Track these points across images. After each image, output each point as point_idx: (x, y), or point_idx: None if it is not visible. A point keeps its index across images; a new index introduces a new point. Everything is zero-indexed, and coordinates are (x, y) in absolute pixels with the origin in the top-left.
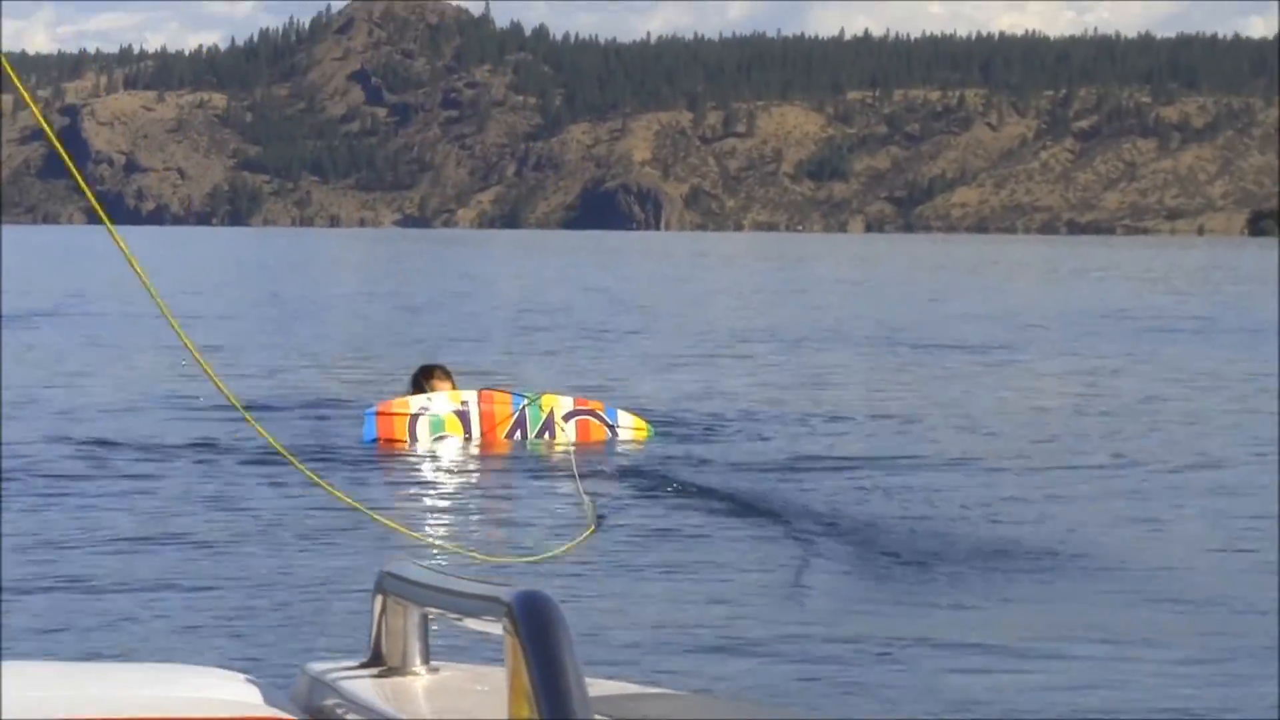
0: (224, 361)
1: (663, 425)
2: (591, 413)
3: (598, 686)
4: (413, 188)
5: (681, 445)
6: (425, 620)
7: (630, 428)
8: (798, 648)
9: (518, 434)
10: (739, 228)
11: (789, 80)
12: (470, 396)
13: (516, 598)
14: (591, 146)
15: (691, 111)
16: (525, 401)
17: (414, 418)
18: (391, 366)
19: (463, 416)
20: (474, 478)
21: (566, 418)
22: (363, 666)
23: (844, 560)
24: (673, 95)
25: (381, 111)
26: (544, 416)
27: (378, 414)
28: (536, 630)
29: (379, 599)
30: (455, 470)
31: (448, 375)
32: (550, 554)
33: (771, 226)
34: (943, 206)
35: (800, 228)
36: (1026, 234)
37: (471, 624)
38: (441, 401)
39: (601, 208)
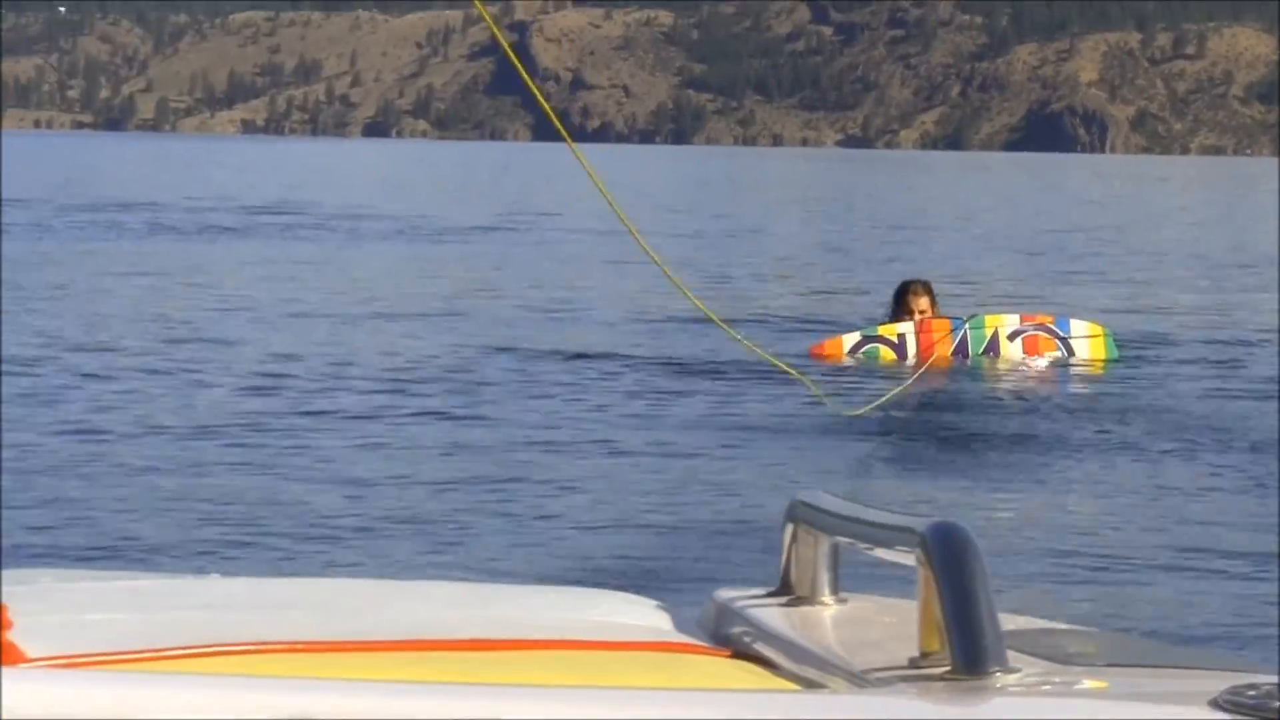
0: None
1: (1123, 342)
2: (1041, 326)
3: (1010, 621)
4: (856, 108)
5: (1141, 366)
6: (836, 550)
7: (1086, 336)
8: (1234, 595)
9: (959, 357)
10: (1185, 151)
11: (1242, 1)
12: (907, 328)
13: (931, 528)
14: (1038, 68)
15: (1140, 32)
16: (965, 322)
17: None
18: (842, 288)
19: (899, 350)
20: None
21: (1012, 336)
22: (771, 595)
23: None
24: (1121, 15)
25: (827, 31)
26: (988, 336)
27: (810, 356)
28: (951, 561)
29: (789, 527)
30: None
31: (928, 290)
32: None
33: (1219, 150)
34: None
35: (1249, 152)
36: None
37: (883, 554)
38: (876, 339)
39: (1046, 129)
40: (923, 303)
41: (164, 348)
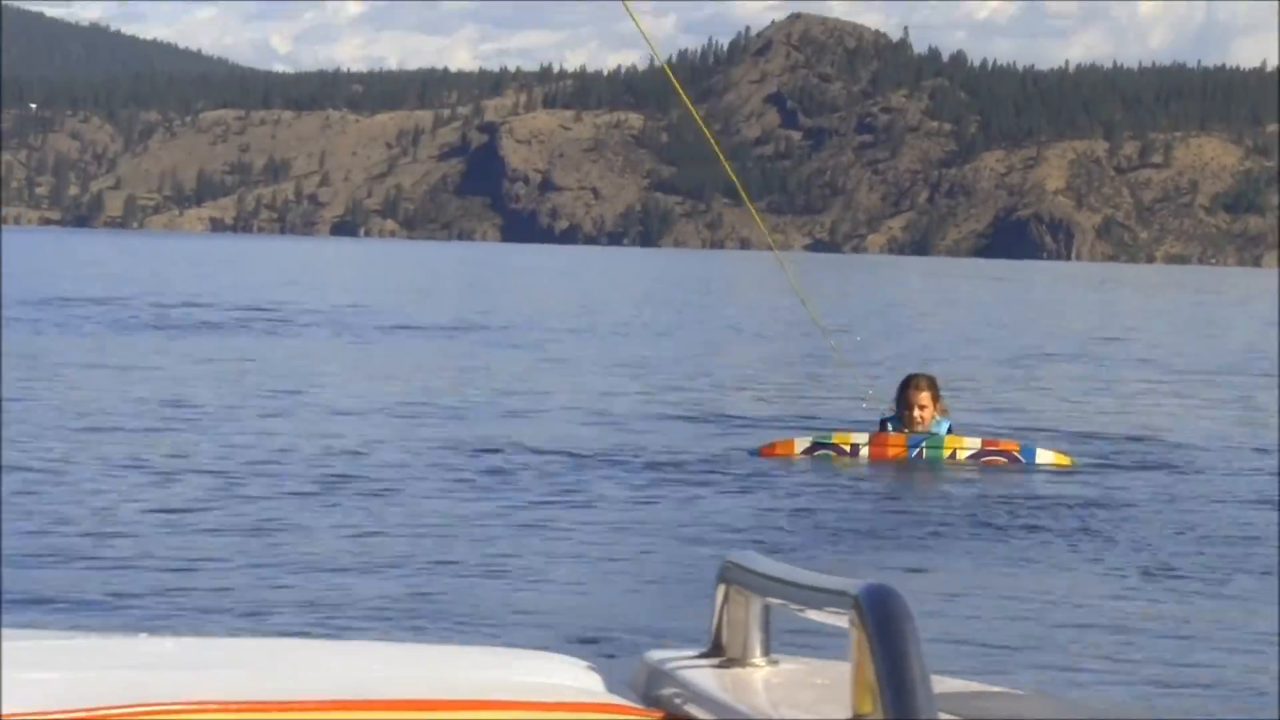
0: (648, 375)
1: (1092, 462)
2: (1004, 453)
3: (941, 684)
4: (824, 212)
5: (1105, 478)
6: (767, 611)
7: (1052, 466)
8: (1159, 662)
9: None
10: (1150, 259)
11: (1207, 111)
12: (861, 439)
13: (865, 591)
14: (1005, 174)
15: (1107, 141)
16: (923, 440)
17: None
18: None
19: (850, 459)
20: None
21: (972, 459)
22: (702, 656)
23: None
24: (1089, 124)
25: (796, 135)
26: (944, 458)
27: (760, 456)
28: (884, 624)
29: (721, 588)
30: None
31: (931, 385)
32: None
33: (1184, 259)
34: None
35: (1214, 261)
36: None
37: (814, 616)
38: (829, 446)
39: (1013, 236)
40: (923, 397)
41: (112, 431)
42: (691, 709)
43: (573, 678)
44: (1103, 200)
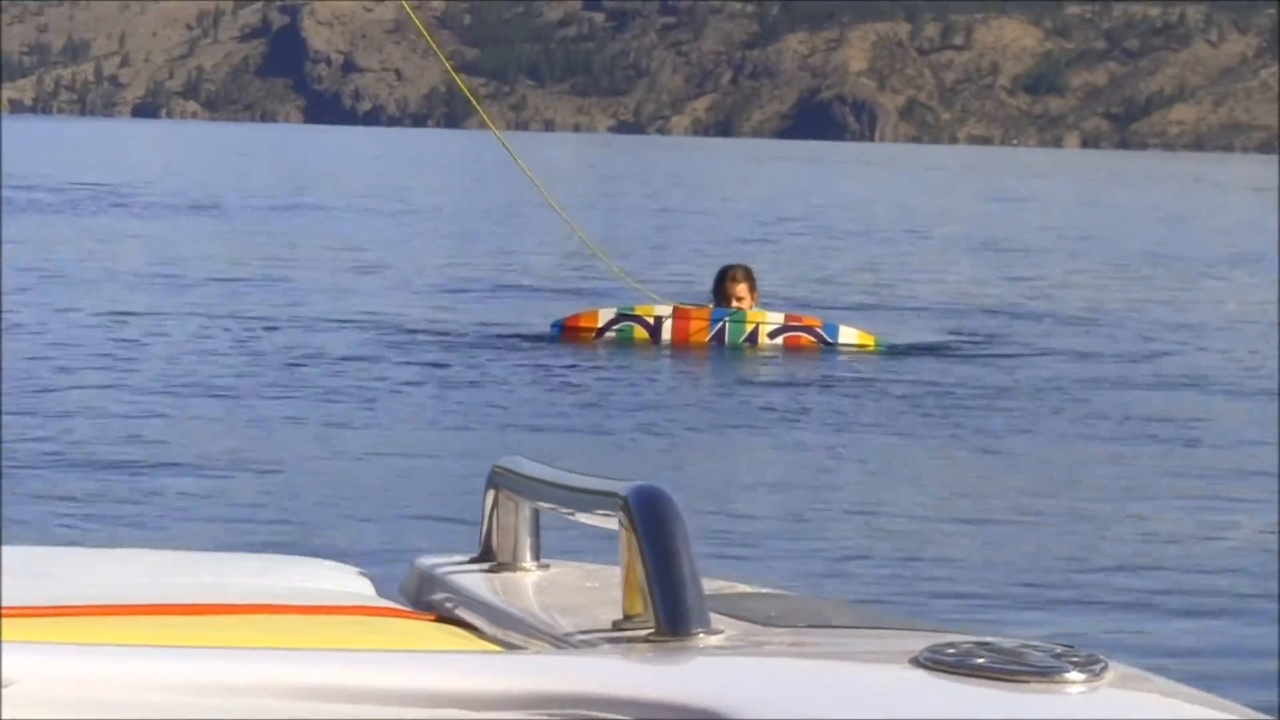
0: (453, 255)
1: (895, 341)
2: (806, 329)
3: (710, 584)
4: (628, 94)
5: (908, 361)
6: (537, 516)
7: (855, 344)
8: (933, 566)
9: (715, 344)
10: (953, 140)
11: None
12: (665, 311)
13: (633, 491)
14: (808, 56)
15: (909, 22)
16: (726, 314)
17: (600, 332)
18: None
19: (653, 332)
20: None
21: (774, 334)
22: (473, 561)
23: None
24: (890, 6)
25: (599, 17)
26: (747, 332)
27: (564, 328)
28: (653, 524)
29: (491, 494)
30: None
31: (747, 277)
32: None
33: (986, 140)
34: (1159, 123)
35: (1015, 142)
36: (1244, 153)
37: (585, 519)
38: (633, 318)
39: (816, 117)
40: (740, 289)
41: None
42: (463, 613)
43: (343, 583)
44: (905, 82)
